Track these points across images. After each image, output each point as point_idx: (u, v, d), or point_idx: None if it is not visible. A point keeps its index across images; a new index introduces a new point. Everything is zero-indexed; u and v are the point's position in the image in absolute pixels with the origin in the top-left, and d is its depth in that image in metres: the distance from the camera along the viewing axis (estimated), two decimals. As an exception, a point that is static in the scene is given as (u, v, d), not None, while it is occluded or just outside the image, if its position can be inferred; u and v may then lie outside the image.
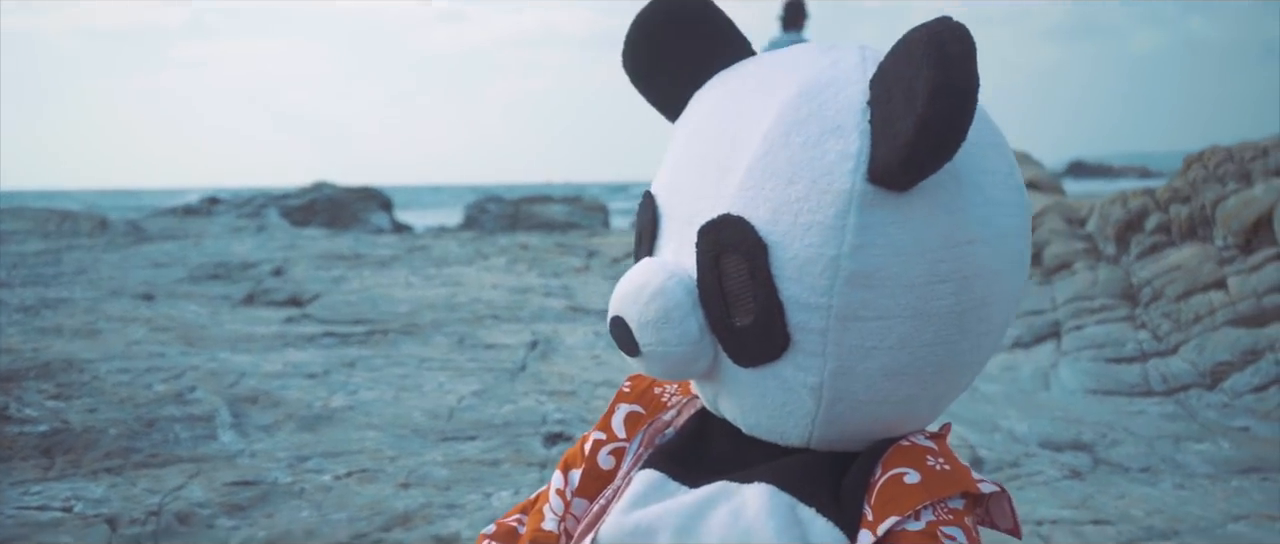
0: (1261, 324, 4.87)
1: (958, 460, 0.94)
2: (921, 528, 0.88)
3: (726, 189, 0.90)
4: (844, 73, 0.92)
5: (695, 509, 0.94)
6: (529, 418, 3.70)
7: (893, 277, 0.87)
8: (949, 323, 0.89)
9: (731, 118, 0.94)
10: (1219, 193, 5.63)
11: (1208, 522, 3.21)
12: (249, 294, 6.32)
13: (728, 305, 0.89)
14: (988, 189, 0.91)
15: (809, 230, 0.86)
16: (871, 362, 0.89)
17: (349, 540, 2.56)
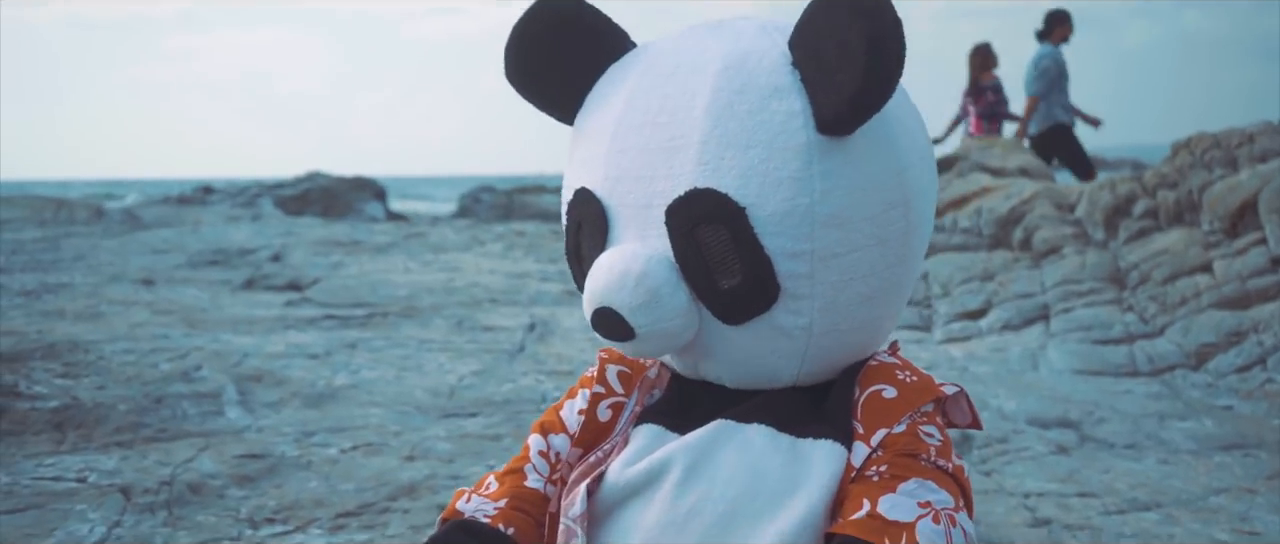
0: (1245, 307, 4.96)
1: (920, 371, 1.08)
2: (904, 429, 1.02)
3: (683, 167, 0.98)
4: (754, 42, 1.01)
5: (701, 448, 1.02)
6: (529, 396, 3.78)
7: (857, 212, 0.98)
8: (902, 244, 1.02)
9: (659, 102, 1.01)
10: (1205, 179, 5.72)
11: (1190, 495, 3.29)
12: (248, 279, 6.39)
13: (711, 272, 0.98)
14: (904, 119, 1.03)
15: (780, 186, 0.95)
16: (850, 292, 1.01)
17: (356, 509, 2.64)
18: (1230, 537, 2.89)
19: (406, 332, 4.90)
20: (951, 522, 0.97)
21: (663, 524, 1.01)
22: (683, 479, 1.01)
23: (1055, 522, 2.95)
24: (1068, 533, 2.87)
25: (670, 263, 0.98)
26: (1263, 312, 4.85)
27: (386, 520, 2.58)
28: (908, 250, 1.04)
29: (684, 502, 1.00)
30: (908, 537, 0.94)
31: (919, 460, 1.00)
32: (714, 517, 0.99)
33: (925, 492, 0.98)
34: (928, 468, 1.00)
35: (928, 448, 1.01)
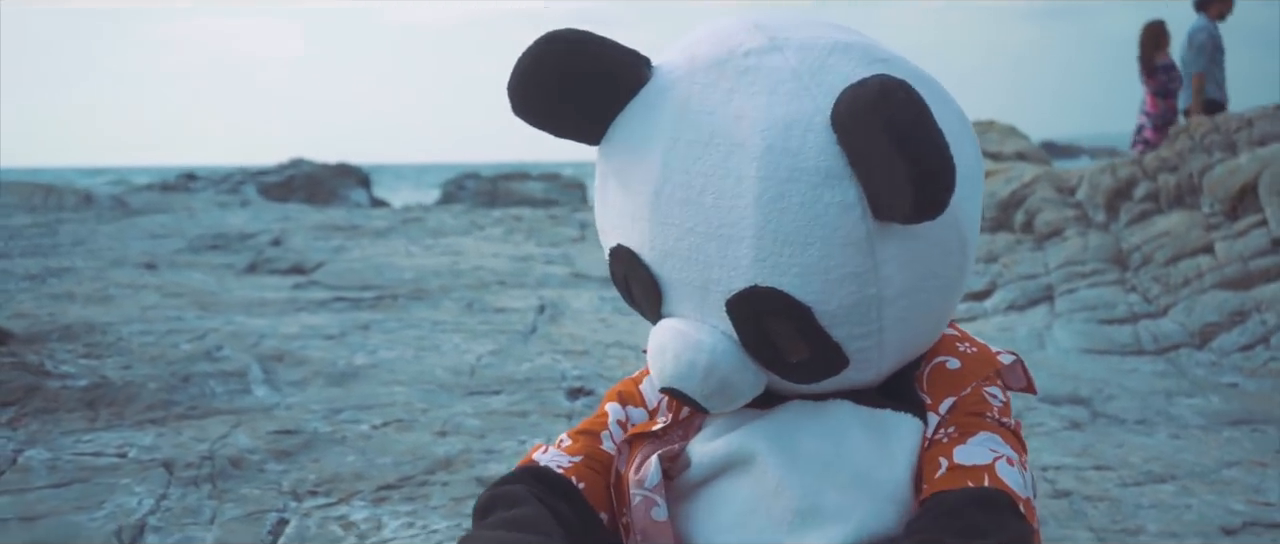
0: (1247, 287, 5.04)
1: (978, 341, 1.13)
2: (970, 392, 1.07)
3: (739, 260, 0.95)
4: (794, 106, 0.94)
5: (784, 424, 1.04)
6: (548, 374, 3.81)
7: (918, 274, 0.98)
8: (957, 270, 1.03)
9: (702, 180, 0.96)
10: (1205, 162, 5.80)
11: (1203, 467, 3.35)
12: (252, 263, 6.39)
13: (779, 353, 0.99)
14: (960, 162, 0.95)
15: (843, 282, 0.94)
16: (914, 327, 1.02)
17: (396, 482, 2.67)
18: (1245, 507, 2.95)
19: (418, 313, 4.92)
20: (1023, 467, 1.02)
21: (754, 498, 1.03)
22: (769, 452, 1.03)
23: (1075, 493, 3.01)
24: (1088, 504, 2.93)
25: (736, 347, 0.99)
26: (1264, 292, 4.92)
27: (427, 493, 2.61)
28: (963, 270, 1.05)
29: (771, 475, 1.02)
30: (990, 475, 0.98)
31: (984, 418, 1.05)
32: (803, 489, 1.01)
33: (993, 443, 1.02)
34: (993, 424, 1.04)
35: (991, 407, 1.06)
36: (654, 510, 1.06)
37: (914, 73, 0.98)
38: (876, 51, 0.99)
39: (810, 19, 1.04)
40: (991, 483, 0.97)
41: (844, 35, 1.00)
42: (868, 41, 1.01)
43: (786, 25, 1.01)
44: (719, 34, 1.02)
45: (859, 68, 0.95)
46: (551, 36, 0.99)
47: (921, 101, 0.86)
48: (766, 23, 1.01)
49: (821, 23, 1.02)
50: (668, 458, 1.08)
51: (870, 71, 0.94)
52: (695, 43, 1.03)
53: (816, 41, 0.98)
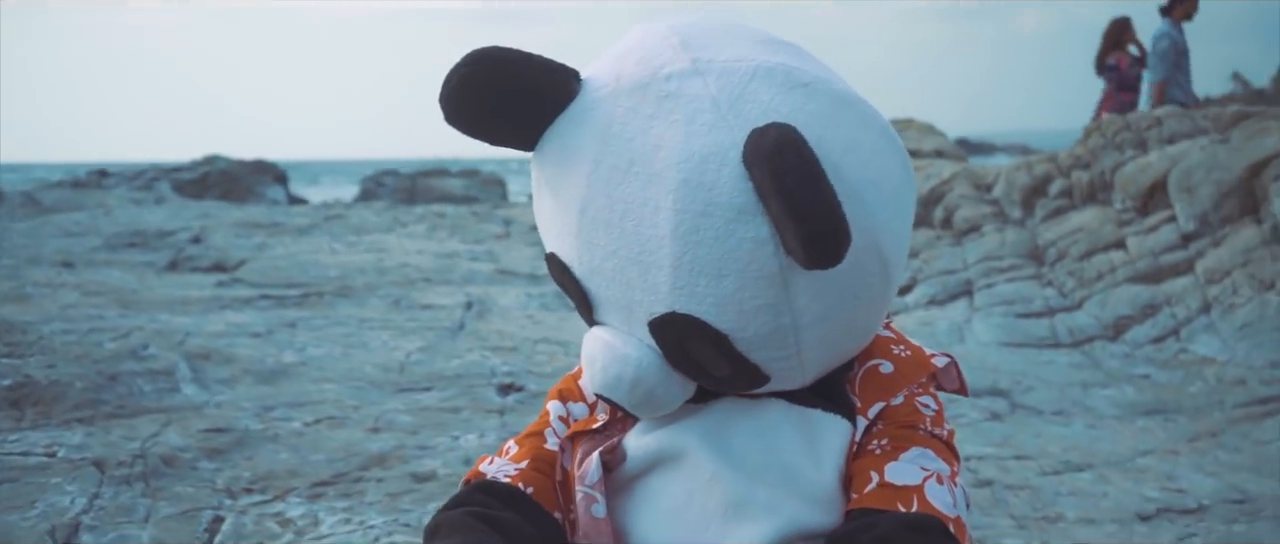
0: (1158, 281, 5.20)
1: (912, 343, 1.15)
2: (902, 402, 1.08)
3: (659, 286, 0.97)
4: (709, 141, 0.94)
5: (716, 421, 1.06)
6: (478, 370, 3.82)
7: (835, 300, 0.98)
8: (879, 289, 1.02)
9: (622, 205, 0.98)
10: (1117, 159, 5.96)
11: (1118, 456, 3.46)
12: (172, 261, 6.31)
13: (702, 369, 1.01)
14: (883, 186, 0.99)
15: (758, 314, 0.96)
16: (835, 345, 1.03)
17: (331, 478, 2.67)
18: (1159, 494, 3.06)
19: (344, 311, 4.90)
20: (951, 482, 1.04)
21: (687, 492, 1.06)
22: (701, 448, 1.05)
23: (997, 482, 3.09)
24: (1009, 492, 3.01)
25: (661, 361, 1.01)
26: (1175, 286, 5.08)
27: (362, 489, 2.61)
28: (889, 287, 1.05)
29: (704, 469, 1.05)
30: (918, 498, 1.00)
31: (918, 431, 1.07)
32: (734, 483, 1.03)
33: (925, 459, 1.04)
34: (925, 437, 1.06)
35: (924, 418, 1.08)
36: (593, 507, 1.09)
37: (836, 95, 0.99)
38: (799, 74, 0.98)
39: (737, 32, 1.04)
40: (920, 507, 1.00)
41: (768, 55, 1.00)
42: (792, 61, 1.00)
43: (711, 43, 1.01)
44: (645, 50, 1.02)
45: (779, 95, 0.96)
46: (477, 56, 1.00)
47: (812, 160, 0.87)
48: (692, 39, 1.01)
49: (748, 38, 1.03)
50: (607, 452, 1.10)
51: (790, 99, 0.95)
52: (622, 58, 1.04)
53: (738, 66, 0.98)
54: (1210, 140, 5.68)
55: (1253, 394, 4.14)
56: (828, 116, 0.95)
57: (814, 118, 0.95)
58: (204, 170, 18.95)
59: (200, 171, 18.88)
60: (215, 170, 19.03)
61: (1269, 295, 4.75)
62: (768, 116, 0.93)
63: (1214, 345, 4.67)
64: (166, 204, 9.88)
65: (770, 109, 0.94)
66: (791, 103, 0.94)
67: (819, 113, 0.95)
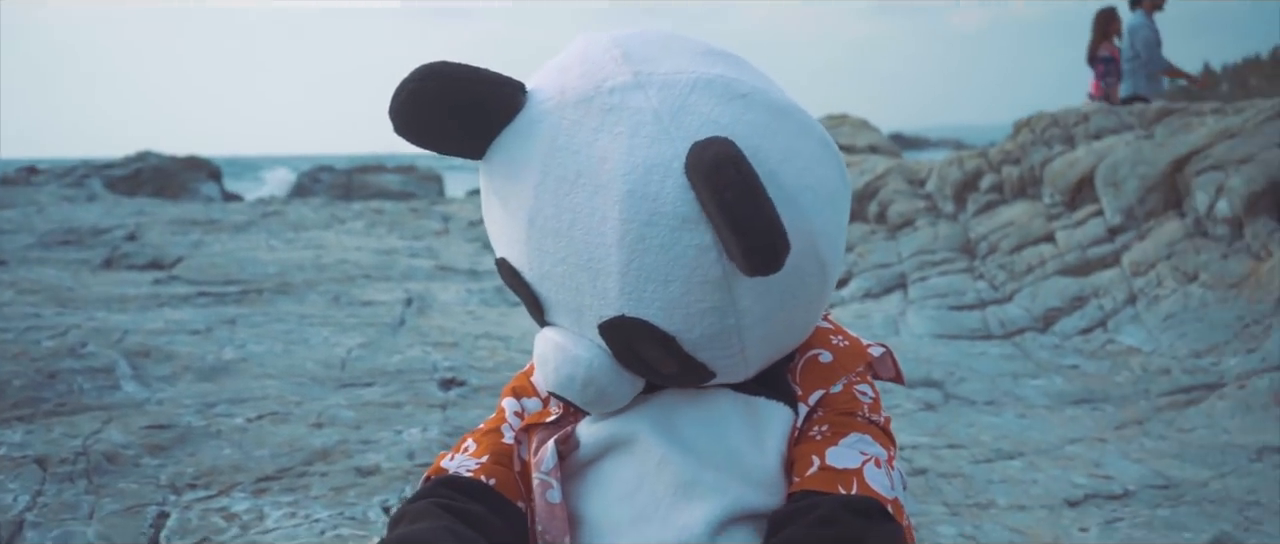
0: (1086, 273, 5.33)
1: (850, 334, 1.20)
2: (841, 390, 1.13)
3: (608, 291, 1.01)
4: (652, 152, 0.98)
5: (665, 408, 1.11)
6: (419, 366, 3.84)
7: (777, 302, 1.03)
8: (818, 289, 1.08)
9: (570, 215, 1.02)
10: (1046, 155, 6.09)
11: (1048, 444, 3.55)
12: (107, 259, 6.24)
13: (650, 367, 1.06)
14: (819, 189, 1.03)
15: (704, 316, 1.01)
16: (777, 341, 1.09)
17: (275, 473, 2.68)
18: (1087, 480, 3.15)
19: (284, 307, 4.89)
20: (889, 466, 1.09)
21: (638, 475, 1.10)
22: (650, 433, 1.10)
23: (930, 470, 3.16)
24: (943, 480, 3.08)
25: (611, 360, 1.06)
26: (1102, 278, 5.21)
27: (307, 483, 2.63)
28: (826, 286, 1.10)
29: (655, 453, 1.10)
30: (858, 481, 1.05)
31: (856, 418, 1.12)
32: (683, 465, 1.08)
33: (864, 444, 1.09)
34: (863, 423, 1.12)
35: (862, 405, 1.13)
36: (549, 493, 1.13)
37: (773, 105, 1.03)
38: (738, 85, 1.02)
39: (677, 44, 1.07)
40: (860, 488, 1.05)
41: (707, 66, 1.04)
42: (731, 72, 1.04)
43: (652, 55, 1.05)
44: (588, 63, 1.06)
45: (718, 106, 0.99)
46: (425, 72, 1.03)
47: (750, 174, 0.90)
48: (634, 51, 1.04)
49: (688, 50, 1.06)
50: (561, 440, 1.15)
51: (729, 110, 0.99)
52: (566, 70, 1.07)
53: (678, 78, 1.01)
54: (1135, 136, 5.82)
55: (1176, 383, 4.26)
56: (765, 126, 0.99)
57: (752, 128, 0.99)
58: (136, 167, 18.70)
59: (132, 168, 18.63)
60: (148, 166, 18.79)
61: (1192, 287, 4.89)
62: (708, 128, 0.97)
63: (1139, 336, 4.79)
64: (99, 201, 9.75)
65: (710, 120, 0.98)
66: (731, 113, 0.98)
67: (757, 123, 0.99)
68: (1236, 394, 4.00)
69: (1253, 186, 5.00)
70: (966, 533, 2.65)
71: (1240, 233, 4.99)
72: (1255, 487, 3.13)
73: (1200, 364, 4.41)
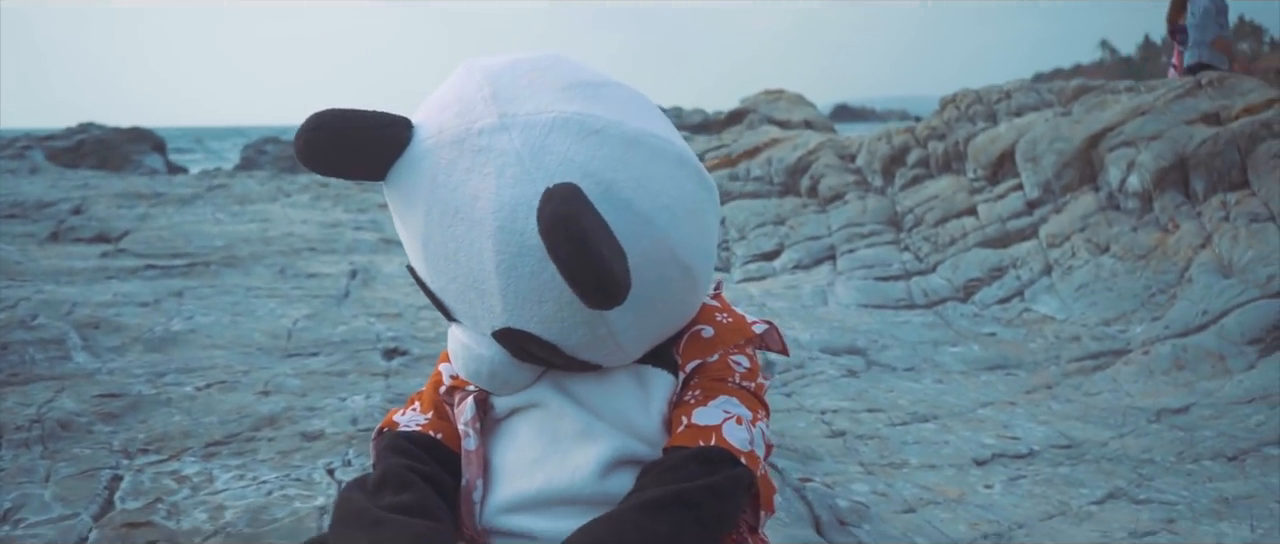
0: (1005, 245, 5.54)
1: (735, 311, 1.37)
2: (717, 360, 1.30)
3: (494, 307, 1.19)
4: (516, 192, 1.11)
5: (567, 376, 1.30)
6: (364, 336, 3.98)
7: (644, 308, 1.20)
8: (686, 290, 1.26)
9: (454, 245, 1.17)
10: (970, 131, 6.30)
11: (961, 407, 3.75)
12: (53, 232, 6.30)
13: (544, 359, 1.25)
14: (676, 208, 1.17)
15: (578, 327, 1.19)
16: (654, 334, 1.27)
17: (224, 439, 2.81)
18: (995, 441, 3.34)
19: (230, 280, 5.00)
20: (751, 424, 1.26)
21: (540, 429, 1.29)
22: (555, 396, 1.29)
23: (849, 433, 3.35)
24: (859, 442, 3.27)
25: (508, 357, 1.24)
26: (1020, 249, 5.43)
27: (255, 447, 2.76)
28: (696, 285, 1.26)
29: (555, 411, 1.28)
30: (716, 435, 1.22)
31: (727, 383, 1.28)
32: (581, 418, 1.27)
33: (730, 405, 1.26)
34: (734, 388, 1.28)
35: (734, 372, 1.29)
36: (467, 441, 1.32)
37: (625, 137, 1.15)
38: (592, 121, 1.15)
39: (543, 78, 1.20)
40: (717, 441, 1.22)
41: (565, 104, 1.16)
42: (587, 108, 1.16)
43: (518, 94, 1.17)
44: (462, 102, 1.19)
45: (573, 145, 1.12)
46: (314, 124, 1.17)
47: (578, 234, 1.03)
48: (502, 90, 1.19)
49: (552, 85, 1.19)
50: (479, 398, 1.33)
51: (583, 147, 1.13)
52: (444, 107, 1.20)
53: (538, 118, 1.14)
54: (1054, 113, 6.04)
55: (1086, 349, 4.48)
56: (618, 159, 1.13)
57: (605, 163, 1.12)
58: (79, 138, 18.48)
59: (75, 139, 18.41)
60: (90, 138, 18.58)
61: (1103, 258, 5.12)
62: (564, 166, 1.11)
63: (1053, 305, 5.02)
64: (43, 174, 9.75)
65: (567, 160, 1.12)
66: (585, 151, 1.13)
67: (610, 157, 1.13)
68: (1140, 360, 4.22)
69: (1161, 162, 5.23)
70: (879, 490, 2.83)
71: (1150, 206, 5.22)
72: (1150, 446, 3.33)
73: (1109, 331, 4.63)
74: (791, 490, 2.69)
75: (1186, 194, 5.16)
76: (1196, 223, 4.97)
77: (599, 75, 1.24)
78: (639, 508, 1.15)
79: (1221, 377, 3.95)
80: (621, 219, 1.10)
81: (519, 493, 1.29)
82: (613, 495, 1.24)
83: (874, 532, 2.50)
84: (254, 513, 2.31)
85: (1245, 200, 4.86)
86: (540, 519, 1.27)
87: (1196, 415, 3.64)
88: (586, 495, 1.25)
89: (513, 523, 1.29)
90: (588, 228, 1.04)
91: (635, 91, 1.26)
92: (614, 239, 1.07)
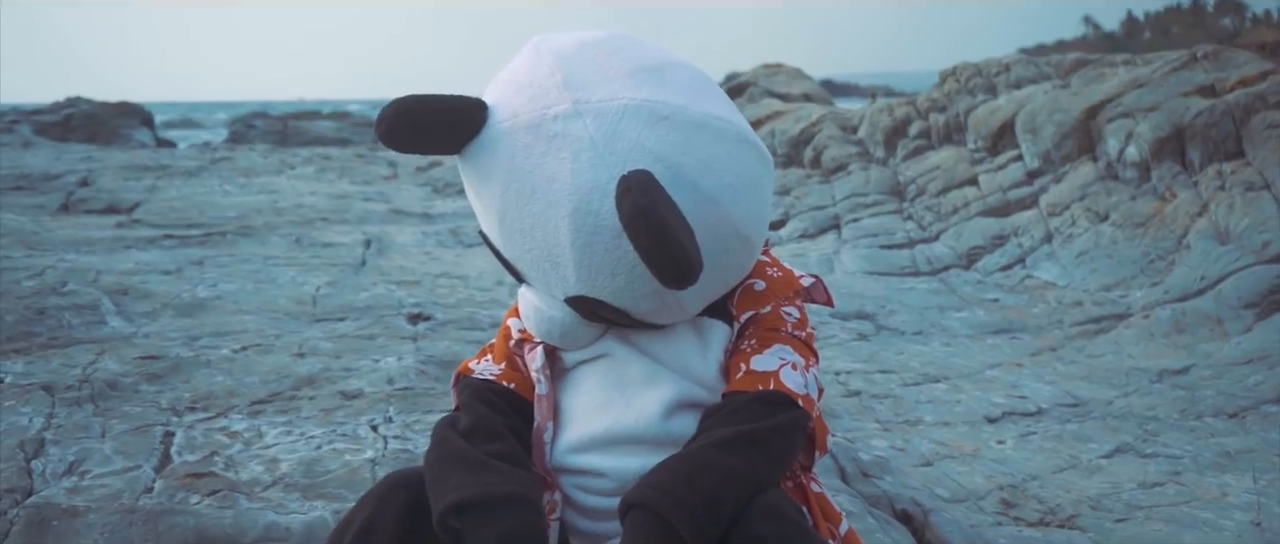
0: (1006, 214, 5.66)
1: (784, 265, 1.47)
2: (769, 311, 1.40)
3: (568, 277, 1.28)
4: (592, 176, 1.19)
5: (629, 331, 1.40)
6: (386, 302, 4.07)
7: (710, 275, 1.27)
8: (743, 256, 1.35)
9: (530, 221, 1.27)
10: (970, 103, 6.40)
11: (970, 369, 3.86)
12: (63, 204, 6.37)
13: (611, 321, 1.35)
14: (738, 186, 1.25)
15: (647, 297, 1.28)
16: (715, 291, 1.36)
17: (267, 397, 2.90)
18: (1005, 400, 3.45)
19: (248, 249, 5.08)
20: (805, 370, 1.36)
21: (607, 376, 1.39)
22: (620, 347, 1.39)
23: (864, 392, 3.46)
24: (875, 401, 3.37)
25: (578, 318, 1.34)
26: (1021, 218, 5.54)
27: (298, 405, 2.85)
28: (751, 252, 1.35)
29: (620, 360, 1.39)
30: (774, 380, 1.32)
31: (780, 333, 1.38)
32: (644, 367, 1.37)
33: (784, 353, 1.36)
34: (786, 336, 1.38)
35: (786, 323, 1.40)
36: (539, 386, 1.42)
37: (691, 121, 1.22)
38: (661, 107, 1.22)
39: (609, 61, 1.27)
40: (775, 386, 1.31)
41: (634, 89, 1.23)
42: (655, 94, 1.23)
43: (588, 81, 1.24)
44: (535, 86, 1.26)
45: (644, 131, 1.20)
46: (398, 108, 1.25)
47: (659, 221, 1.11)
48: (573, 76, 1.24)
49: (618, 69, 1.26)
50: (548, 349, 1.43)
51: (653, 133, 1.20)
52: (518, 90, 1.28)
53: (610, 105, 1.22)
54: (1053, 85, 6.15)
55: (1087, 314, 4.59)
56: (685, 144, 1.21)
57: (673, 148, 1.20)
58: (67, 112, 18.44)
59: (63, 114, 18.37)
60: (79, 112, 18.54)
61: (1103, 226, 5.24)
62: (636, 152, 1.20)
63: (1054, 271, 5.13)
64: (41, 147, 9.78)
65: (638, 145, 1.20)
66: (654, 136, 1.20)
67: (677, 142, 1.21)
68: (1141, 324, 4.33)
69: (1159, 133, 5.35)
70: (897, 445, 2.93)
71: (1147, 176, 5.34)
72: (1154, 404, 3.44)
73: (1109, 296, 4.75)
74: (817, 445, 2.79)
75: (1183, 164, 5.28)
76: (1193, 192, 5.08)
77: (663, 55, 1.32)
78: (714, 446, 1.25)
79: (1219, 339, 4.07)
80: (689, 200, 1.18)
81: (587, 433, 1.39)
82: (675, 435, 1.34)
83: (896, 482, 2.61)
84: (308, 465, 2.40)
85: (1240, 170, 4.98)
86: (607, 458, 1.37)
87: (1197, 376, 3.75)
88: (651, 435, 1.35)
89: (582, 461, 1.39)
90: (666, 217, 1.13)
91: (697, 70, 1.34)
92: (687, 224, 1.16)
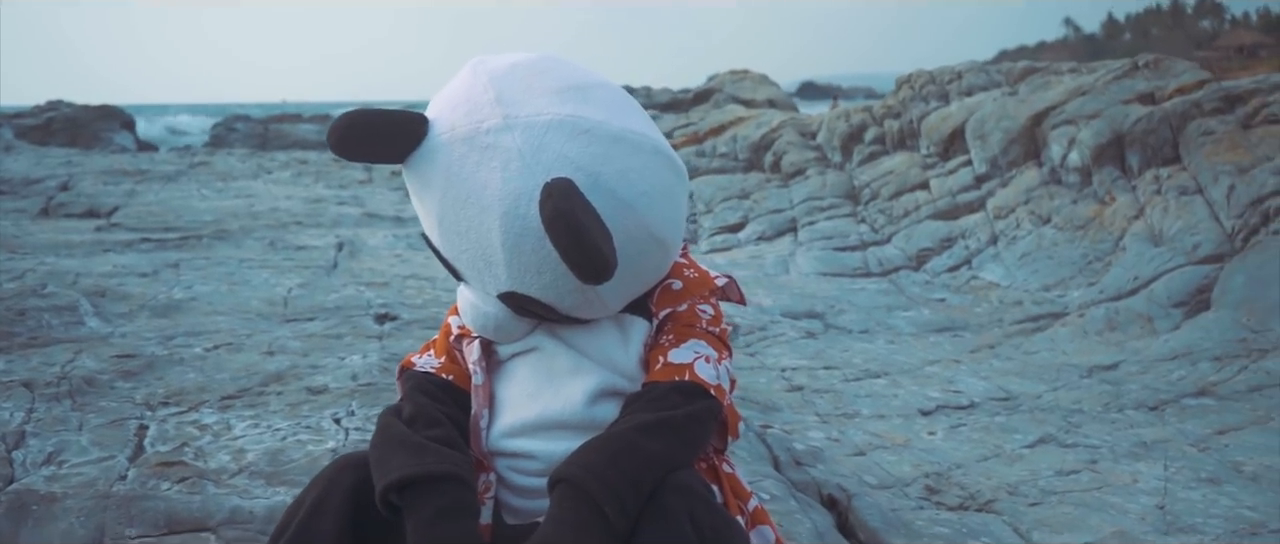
0: (955, 217, 5.86)
1: (700, 266, 1.63)
2: (685, 308, 1.55)
3: (500, 275, 1.42)
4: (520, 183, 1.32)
5: (557, 326, 1.55)
6: (355, 303, 4.23)
7: (627, 276, 1.42)
8: (660, 258, 1.50)
9: (465, 224, 1.37)
10: (923, 110, 6.61)
11: (910, 365, 4.04)
12: (44, 208, 6.49)
13: (540, 316, 1.50)
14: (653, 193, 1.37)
15: (571, 293, 1.42)
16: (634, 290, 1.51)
17: (237, 393, 3.05)
18: (940, 394, 3.63)
19: (223, 252, 5.23)
20: (717, 362, 1.51)
21: (536, 367, 1.55)
22: (549, 340, 1.54)
23: (806, 387, 3.63)
24: (816, 395, 3.55)
25: (510, 313, 1.48)
26: (968, 221, 5.75)
27: (266, 400, 3.00)
28: (668, 254, 1.50)
29: (549, 352, 1.54)
30: (690, 372, 1.47)
31: (695, 328, 1.53)
32: (570, 358, 1.53)
33: (698, 347, 1.51)
34: (701, 332, 1.53)
35: (701, 319, 1.54)
36: (475, 377, 1.57)
37: (611, 135, 1.35)
38: (583, 122, 1.34)
39: (538, 80, 1.40)
40: (690, 377, 1.43)
41: (559, 105, 1.36)
42: (579, 110, 1.36)
43: (518, 98, 1.37)
44: (470, 103, 1.38)
45: (567, 143, 1.32)
46: (349, 120, 1.39)
47: (577, 225, 1.24)
48: (504, 93, 1.37)
49: (548, 89, 1.38)
50: (484, 342, 1.58)
51: (575, 145, 1.32)
52: (454, 107, 1.40)
53: (538, 119, 1.34)
54: (1001, 93, 6.35)
55: (1027, 313, 4.79)
56: (604, 154, 1.34)
57: (593, 158, 1.33)
58: (48, 116, 18.49)
59: (44, 117, 18.41)
60: (60, 115, 18.59)
61: (1045, 229, 5.44)
62: (560, 161, 1.32)
63: (999, 272, 5.34)
64: (20, 152, 9.88)
65: (562, 155, 1.32)
66: (576, 148, 1.33)
67: (598, 153, 1.33)
68: (1076, 322, 4.53)
69: (1100, 139, 5.56)
70: (832, 436, 3.09)
71: (1089, 180, 5.55)
72: (1081, 398, 3.62)
73: (1048, 296, 4.95)
74: (754, 435, 2.96)
75: (1123, 169, 5.49)
76: (1131, 196, 5.29)
77: (588, 76, 1.46)
78: (635, 429, 1.40)
79: (1149, 336, 4.27)
80: (607, 205, 1.33)
81: (519, 420, 1.54)
82: (598, 420, 1.48)
83: (827, 470, 2.77)
84: (272, 455, 2.56)
85: (1176, 175, 5.19)
86: (537, 441, 1.52)
87: (1124, 371, 3.94)
88: (576, 421, 1.50)
89: (514, 445, 1.54)
90: (583, 220, 1.28)
91: (619, 90, 1.49)
92: (604, 226, 1.31)
